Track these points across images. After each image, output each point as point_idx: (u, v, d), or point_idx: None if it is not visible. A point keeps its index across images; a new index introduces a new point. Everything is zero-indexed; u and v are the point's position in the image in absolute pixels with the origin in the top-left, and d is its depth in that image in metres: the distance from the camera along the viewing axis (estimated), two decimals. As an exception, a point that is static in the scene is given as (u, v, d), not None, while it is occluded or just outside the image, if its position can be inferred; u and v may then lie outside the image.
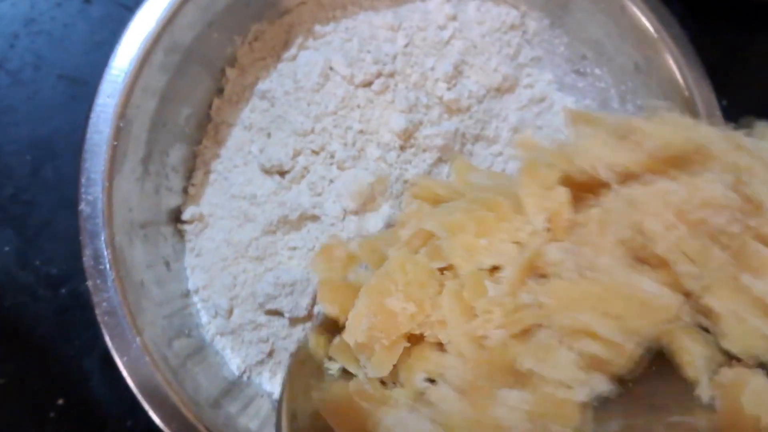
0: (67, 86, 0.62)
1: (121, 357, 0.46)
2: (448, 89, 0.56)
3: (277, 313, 0.54)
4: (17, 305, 0.62)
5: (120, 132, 0.47)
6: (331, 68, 0.56)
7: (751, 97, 0.68)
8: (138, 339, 0.46)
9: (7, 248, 0.61)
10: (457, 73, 0.57)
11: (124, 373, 0.45)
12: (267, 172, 0.56)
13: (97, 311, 0.46)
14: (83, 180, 0.46)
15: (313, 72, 0.55)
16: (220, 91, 0.56)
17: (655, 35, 0.53)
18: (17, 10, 0.61)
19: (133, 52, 0.47)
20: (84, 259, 0.46)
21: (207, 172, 0.56)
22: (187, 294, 0.55)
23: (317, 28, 0.56)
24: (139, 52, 0.47)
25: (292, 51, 0.56)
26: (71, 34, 0.62)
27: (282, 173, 0.56)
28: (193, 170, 0.56)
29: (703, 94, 0.53)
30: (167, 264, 0.53)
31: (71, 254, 0.61)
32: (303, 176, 0.55)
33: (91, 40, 0.62)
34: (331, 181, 0.55)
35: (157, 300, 0.50)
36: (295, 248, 0.55)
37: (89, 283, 0.46)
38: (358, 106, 0.55)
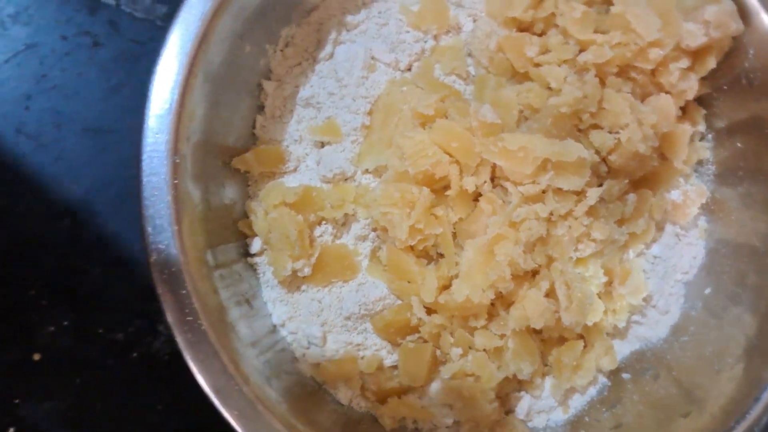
0: (92, 139, 0.57)
1: (231, 411, 0.41)
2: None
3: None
4: (88, 380, 0.57)
5: (178, 169, 0.42)
6: (372, 58, 0.52)
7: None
8: (246, 388, 0.41)
9: (66, 323, 0.57)
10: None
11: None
12: (330, 182, 0.51)
13: (196, 368, 0.42)
14: (150, 229, 0.42)
15: (355, 66, 0.51)
16: (261, 108, 0.52)
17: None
18: (25, 69, 0.57)
19: (173, 77, 0.43)
20: (168, 314, 0.42)
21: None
22: (273, 329, 0.50)
23: (348, 18, 0.52)
24: (179, 76, 0.43)
25: (328, 49, 0.52)
26: (86, 82, 0.57)
27: (346, 179, 0.52)
28: (252, 198, 0.52)
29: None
30: (248, 302, 0.49)
31: (134, 314, 0.57)
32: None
33: (107, 85, 0.57)
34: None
35: (249, 341, 0.46)
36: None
37: (178, 338, 0.42)
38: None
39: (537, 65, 0.49)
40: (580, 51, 0.49)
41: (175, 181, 0.42)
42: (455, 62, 0.51)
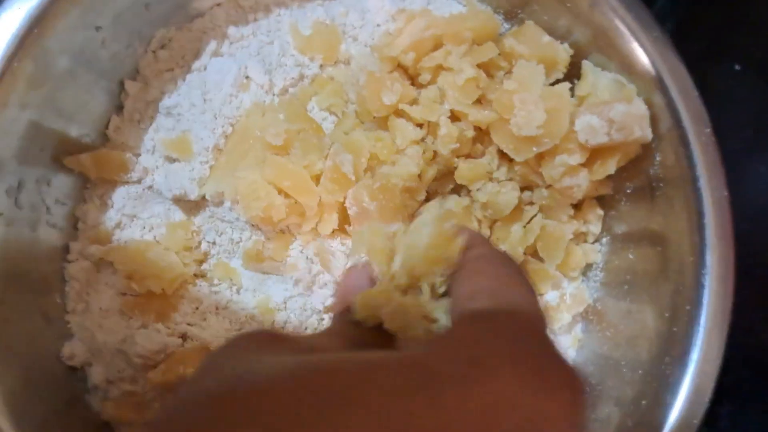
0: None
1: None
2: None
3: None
4: None
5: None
6: (247, 77, 0.48)
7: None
8: None
9: None
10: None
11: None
12: (173, 201, 0.47)
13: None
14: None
15: (225, 81, 0.47)
16: (119, 108, 0.48)
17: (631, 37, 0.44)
18: None
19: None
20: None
21: (103, 204, 0.48)
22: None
23: (232, 30, 0.48)
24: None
25: (204, 59, 0.48)
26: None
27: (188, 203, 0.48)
28: (85, 201, 0.48)
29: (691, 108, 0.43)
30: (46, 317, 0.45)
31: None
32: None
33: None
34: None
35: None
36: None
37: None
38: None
39: (399, 114, 0.44)
40: (452, 117, 0.44)
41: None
42: (332, 98, 0.47)
